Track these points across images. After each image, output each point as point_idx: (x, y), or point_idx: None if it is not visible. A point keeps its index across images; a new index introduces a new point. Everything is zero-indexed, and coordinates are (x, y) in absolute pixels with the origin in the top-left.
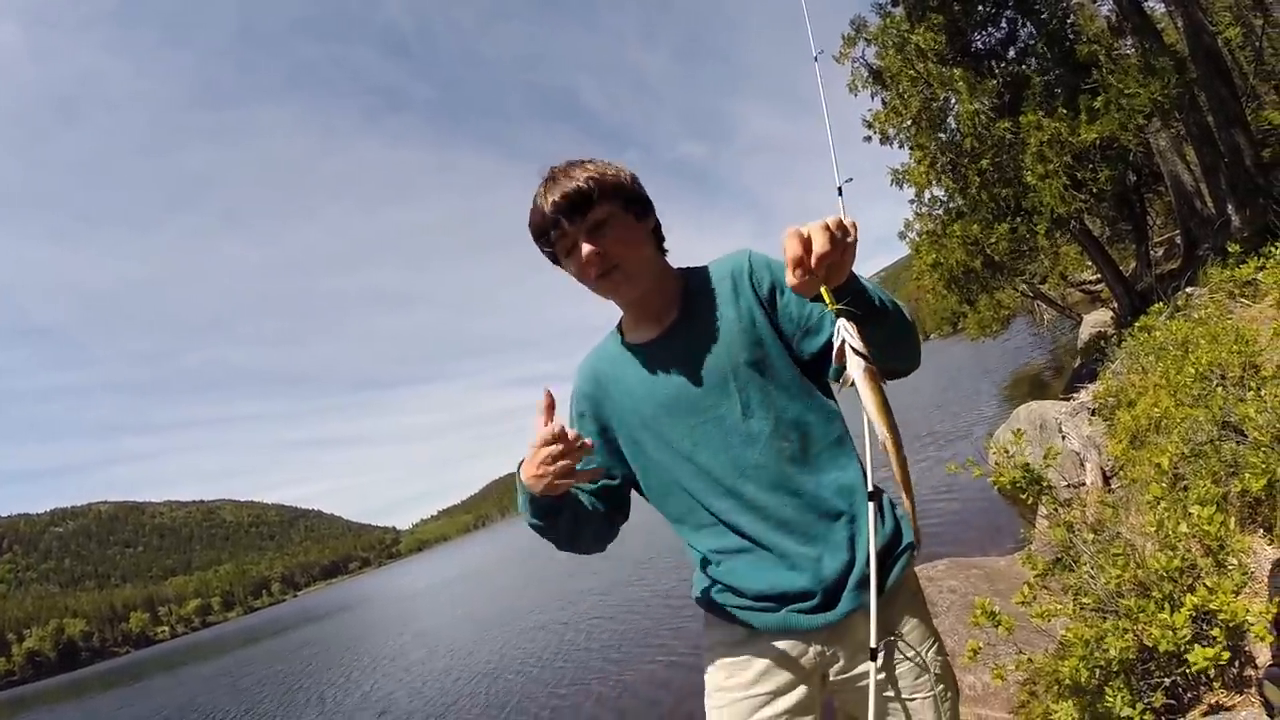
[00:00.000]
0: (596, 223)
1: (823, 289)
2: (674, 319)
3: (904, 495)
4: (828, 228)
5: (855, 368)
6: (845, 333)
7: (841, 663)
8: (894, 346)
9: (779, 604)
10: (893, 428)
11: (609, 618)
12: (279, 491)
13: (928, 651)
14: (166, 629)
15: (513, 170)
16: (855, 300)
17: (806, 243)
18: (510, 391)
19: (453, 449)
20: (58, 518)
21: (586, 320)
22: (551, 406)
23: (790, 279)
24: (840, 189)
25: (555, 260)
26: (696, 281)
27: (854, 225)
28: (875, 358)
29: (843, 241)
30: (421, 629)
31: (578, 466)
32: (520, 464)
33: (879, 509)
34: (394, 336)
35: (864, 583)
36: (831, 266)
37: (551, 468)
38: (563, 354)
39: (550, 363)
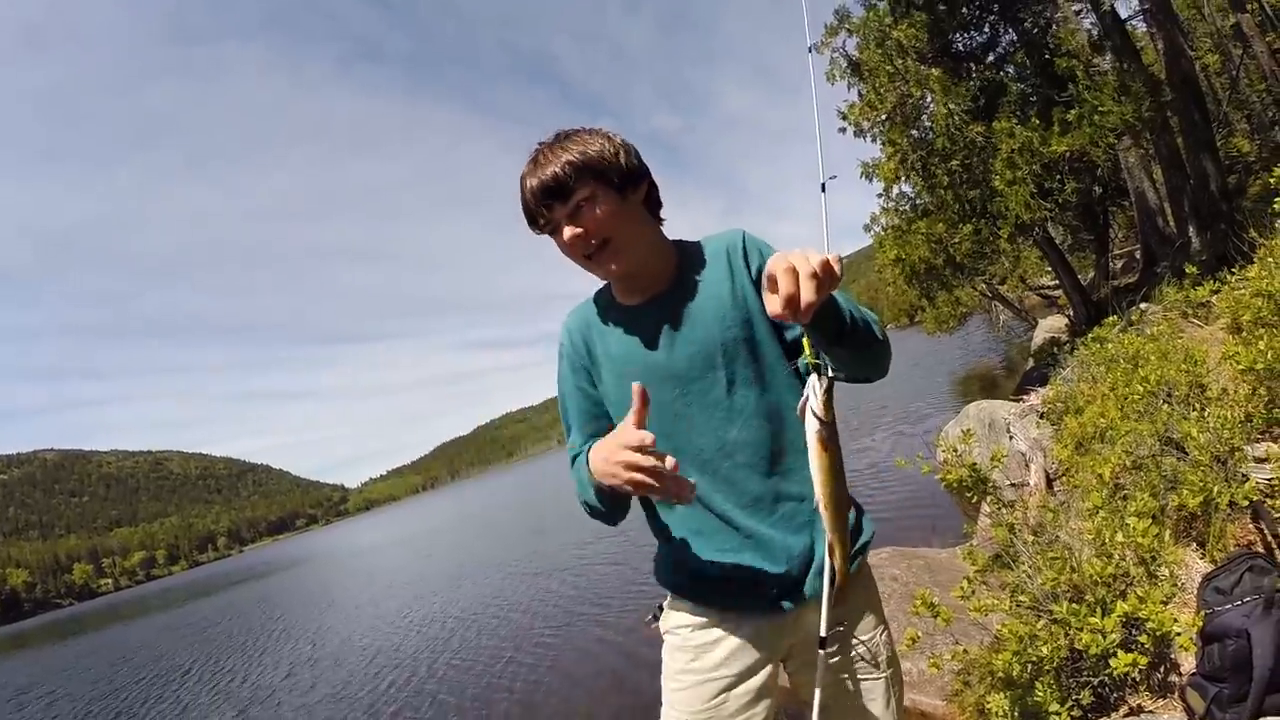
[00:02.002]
0: (577, 205)
1: (804, 342)
2: (666, 288)
3: (834, 553)
4: (816, 275)
5: (810, 429)
6: (810, 390)
7: (800, 646)
8: (861, 360)
9: (749, 586)
10: (830, 494)
11: (593, 565)
12: (228, 444)
13: (880, 637)
14: (110, 581)
15: (485, 130)
16: (830, 319)
17: (798, 280)
18: (468, 354)
19: (406, 408)
20: (1, 465)
21: (550, 288)
22: (645, 403)
23: (775, 308)
24: (824, 185)
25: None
26: (690, 254)
27: (839, 261)
28: (843, 369)
29: (828, 285)
30: (393, 581)
31: (666, 500)
32: (590, 448)
33: None
34: (355, 291)
35: (823, 570)
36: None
37: (628, 476)
38: (525, 320)
39: (511, 328)
